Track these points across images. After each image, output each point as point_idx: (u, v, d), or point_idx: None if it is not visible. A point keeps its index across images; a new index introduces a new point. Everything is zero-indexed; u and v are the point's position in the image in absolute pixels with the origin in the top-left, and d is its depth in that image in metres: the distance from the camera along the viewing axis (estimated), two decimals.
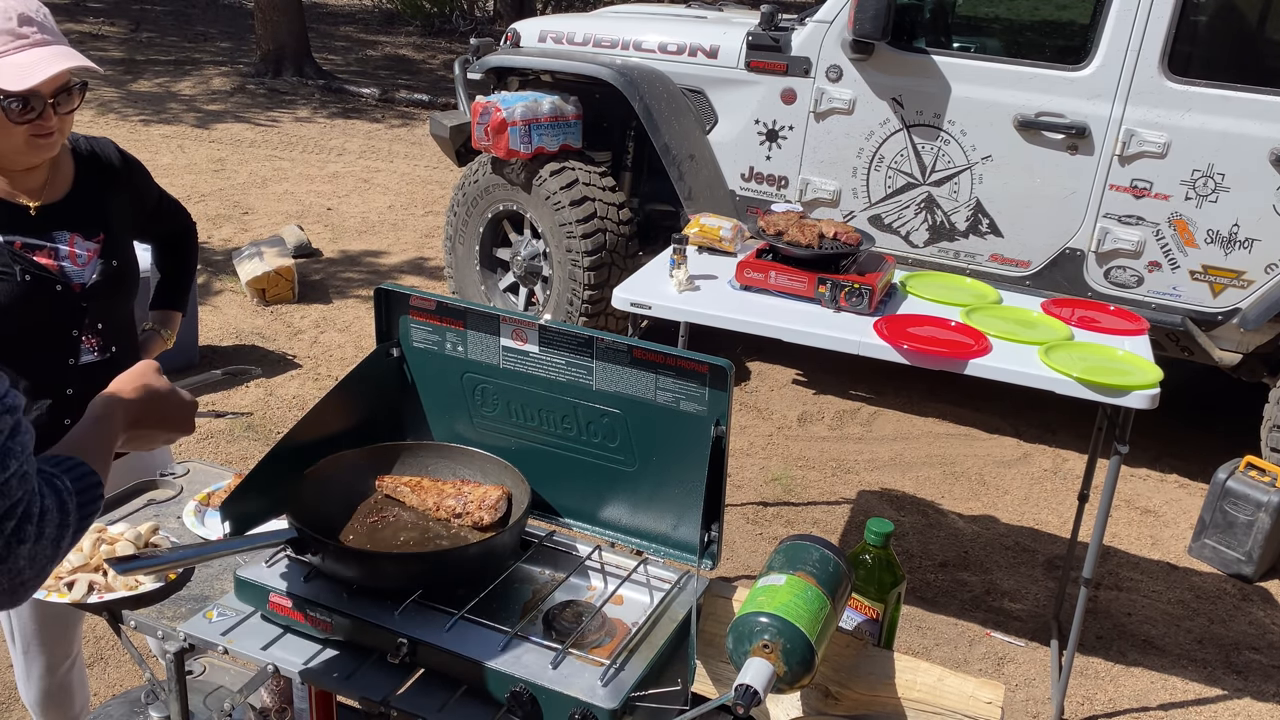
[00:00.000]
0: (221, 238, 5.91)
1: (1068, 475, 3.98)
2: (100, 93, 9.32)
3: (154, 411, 1.32)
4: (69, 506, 0.98)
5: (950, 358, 2.38)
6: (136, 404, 1.30)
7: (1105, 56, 3.56)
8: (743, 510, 3.61)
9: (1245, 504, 3.36)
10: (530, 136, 4.15)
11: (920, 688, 1.47)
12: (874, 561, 1.65)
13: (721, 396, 1.53)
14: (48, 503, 0.95)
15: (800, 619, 1.32)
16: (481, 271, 4.64)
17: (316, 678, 1.44)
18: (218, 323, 4.82)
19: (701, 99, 4.26)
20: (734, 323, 2.56)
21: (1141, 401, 2.27)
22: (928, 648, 2.98)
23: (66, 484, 1.00)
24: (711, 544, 1.57)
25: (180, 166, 7.24)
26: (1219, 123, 3.46)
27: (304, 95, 9.87)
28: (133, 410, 1.29)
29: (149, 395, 1.32)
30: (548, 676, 1.35)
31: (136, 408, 1.29)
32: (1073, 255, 3.77)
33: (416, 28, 14.17)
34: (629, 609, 1.56)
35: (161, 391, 1.34)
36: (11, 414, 0.92)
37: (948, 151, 3.83)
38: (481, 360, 1.71)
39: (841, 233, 2.69)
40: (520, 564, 1.63)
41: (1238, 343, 3.66)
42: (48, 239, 1.79)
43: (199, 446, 3.76)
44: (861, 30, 3.70)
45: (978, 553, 3.46)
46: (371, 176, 7.36)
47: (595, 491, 1.70)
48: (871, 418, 4.35)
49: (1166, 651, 3.04)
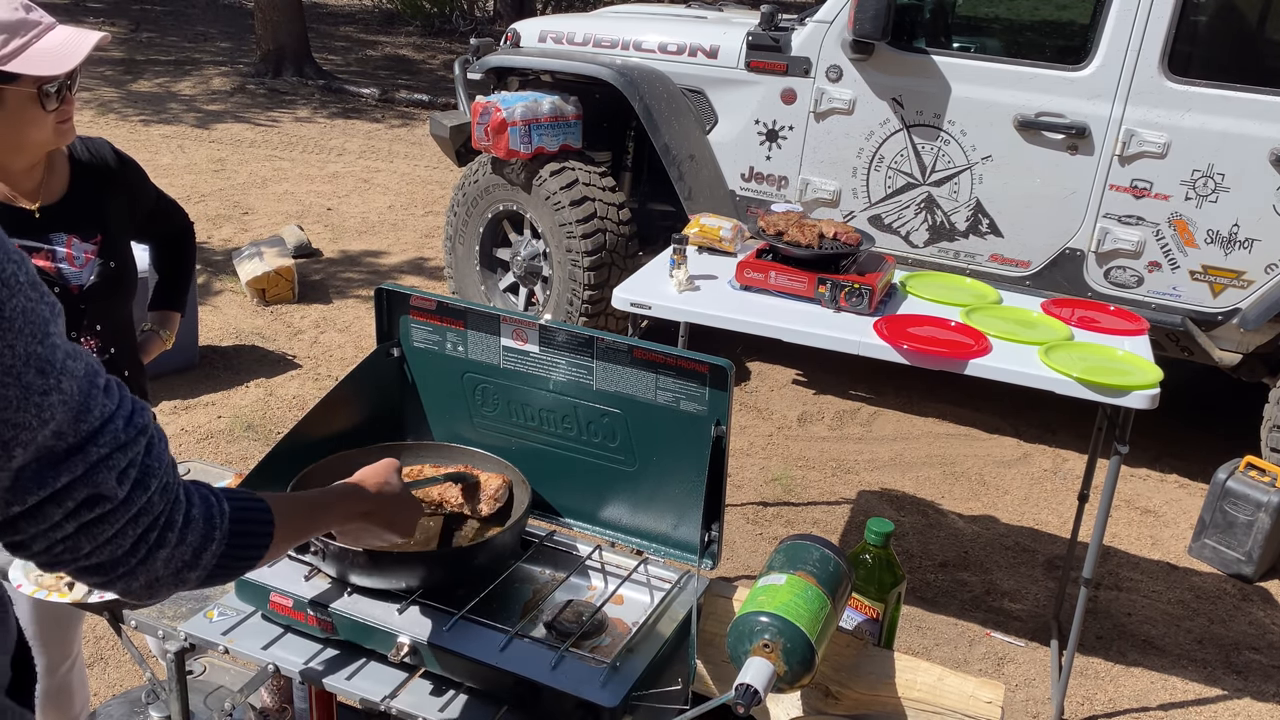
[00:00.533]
0: (221, 238, 5.91)
1: (1068, 475, 3.98)
2: (100, 93, 9.32)
3: (386, 510, 1.34)
4: (216, 523, 0.98)
5: (950, 358, 2.38)
6: (374, 499, 1.32)
7: (1105, 56, 3.56)
8: (743, 510, 3.61)
9: (1245, 504, 3.36)
10: (530, 136, 4.15)
11: (920, 688, 1.47)
12: (874, 561, 1.65)
13: (721, 396, 1.53)
14: (194, 513, 0.96)
15: (800, 619, 1.32)
16: (481, 271, 4.64)
17: (316, 678, 1.44)
18: (218, 323, 4.82)
19: (701, 99, 4.26)
20: (734, 323, 2.56)
21: (1141, 401, 2.27)
22: (928, 648, 2.98)
23: (224, 506, 1.00)
24: (711, 544, 1.57)
25: (180, 166, 7.24)
26: (1219, 123, 3.46)
27: (304, 95, 9.87)
28: (368, 504, 1.31)
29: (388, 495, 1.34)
30: (548, 676, 1.35)
31: (373, 503, 1.31)
32: (1073, 255, 3.77)
33: (416, 28, 14.17)
34: (629, 609, 1.56)
35: (399, 493, 1.36)
36: (144, 433, 0.92)
37: (948, 151, 3.83)
38: (481, 360, 1.71)
39: (841, 233, 2.69)
40: (520, 564, 1.63)
41: (1238, 343, 3.66)
42: (45, 241, 1.78)
43: (199, 447, 3.76)
44: (861, 30, 3.70)
45: (978, 553, 3.46)
46: (371, 176, 7.36)
47: (595, 491, 1.70)
48: (871, 418, 4.35)
49: (1166, 651, 3.04)
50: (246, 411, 4.04)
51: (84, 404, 0.87)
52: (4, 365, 0.80)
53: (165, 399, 4.05)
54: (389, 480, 1.35)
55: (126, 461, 0.90)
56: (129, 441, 0.90)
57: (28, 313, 0.82)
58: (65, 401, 0.85)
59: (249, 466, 1.84)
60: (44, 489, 0.85)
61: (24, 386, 0.81)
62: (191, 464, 2.03)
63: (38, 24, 1.58)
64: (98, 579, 0.93)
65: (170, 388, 4.14)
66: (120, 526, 0.90)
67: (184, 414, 4.00)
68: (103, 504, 0.88)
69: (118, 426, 0.89)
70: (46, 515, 0.86)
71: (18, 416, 0.82)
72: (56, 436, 0.85)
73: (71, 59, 1.58)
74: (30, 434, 0.83)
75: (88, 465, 0.87)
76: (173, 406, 4.03)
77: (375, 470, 1.36)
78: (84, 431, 0.87)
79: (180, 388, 4.17)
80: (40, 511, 0.86)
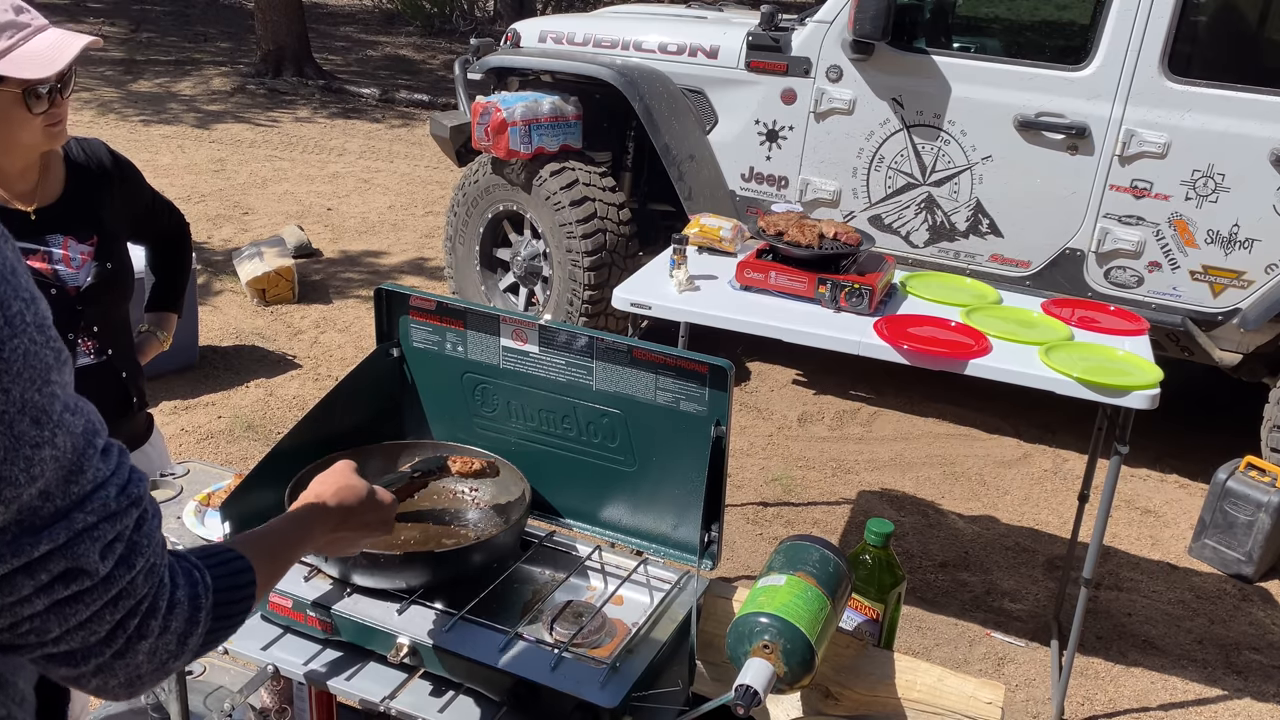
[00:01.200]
0: (221, 238, 5.91)
1: (1068, 475, 3.98)
2: (100, 93, 9.32)
3: (356, 516, 1.26)
4: (202, 603, 0.89)
5: (950, 358, 2.38)
6: (339, 511, 1.23)
7: (1105, 57, 3.56)
8: (743, 510, 3.61)
9: (1245, 504, 3.36)
10: (530, 136, 4.15)
11: (920, 688, 1.47)
12: (874, 562, 1.65)
13: (721, 397, 1.53)
14: (179, 595, 0.87)
15: (800, 619, 1.32)
16: (481, 271, 4.64)
17: (316, 678, 1.44)
18: (218, 323, 4.82)
19: (701, 99, 4.26)
20: (734, 323, 2.55)
21: (1141, 402, 2.27)
22: (928, 648, 2.98)
23: (206, 579, 0.91)
24: (711, 544, 1.57)
25: (180, 167, 7.24)
26: (1219, 123, 3.46)
27: (304, 95, 9.87)
28: (334, 517, 1.23)
29: (352, 500, 1.25)
30: (548, 676, 1.35)
31: (338, 515, 1.23)
32: (1073, 255, 3.77)
33: (416, 28, 14.17)
34: (629, 609, 1.56)
35: (363, 494, 1.27)
36: (137, 505, 0.83)
37: (948, 152, 3.83)
38: (481, 360, 1.71)
39: (841, 233, 2.69)
40: (520, 564, 1.63)
41: (1238, 343, 3.66)
42: (41, 243, 1.78)
43: (199, 447, 3.76)
44: (861, 30, 3.70)
45: (978, 553, 3.46)
46: (371, 177, 7.36)
47: (595, 491, 1.70)
48: (871, 418, 4.35)
49: (1166, 651, 3.04)
50: (246, 411, 4.04)
51: (77, 464, 0.79)
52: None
53: (165, 399, 4.05)
54: (347, 484, 1.27)
55: (114, 534, 0.81)
56: (119, 512, 0.82)
57: (29, 356, 0.75)
58: (57, 458, 0.77)
59: (249, 466, 1.84)
60: (19, 556, 0.76)
61: (15, 436, 0.74)
62: (191, 464, 2.03)
63: (27, 26, 1.58)
64: (67, 670, 0.83)
65: (170, 388, 4.14)
66: (97, 609, 0.80)
67: (184, 414, 4.00)
68: (80, 579, 0.79)
69: (109, 494, 0.81)
70: (16, 587, 0.77)
71: (4, 470, 0.74)
72: (42, 497, 0.77)
73: (58, 62, 1.57)
74: (15, 490, 0.75)
75: (71, 534, 0.78)
76: (173, 406, 4.03)
77: (330, 478, 1.27)
78: (73, 495, 0.79)
79: (180, 388, 4.17)
80: (9, 582, 0.77)
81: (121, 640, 0.82)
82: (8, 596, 0.77)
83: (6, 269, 0.75)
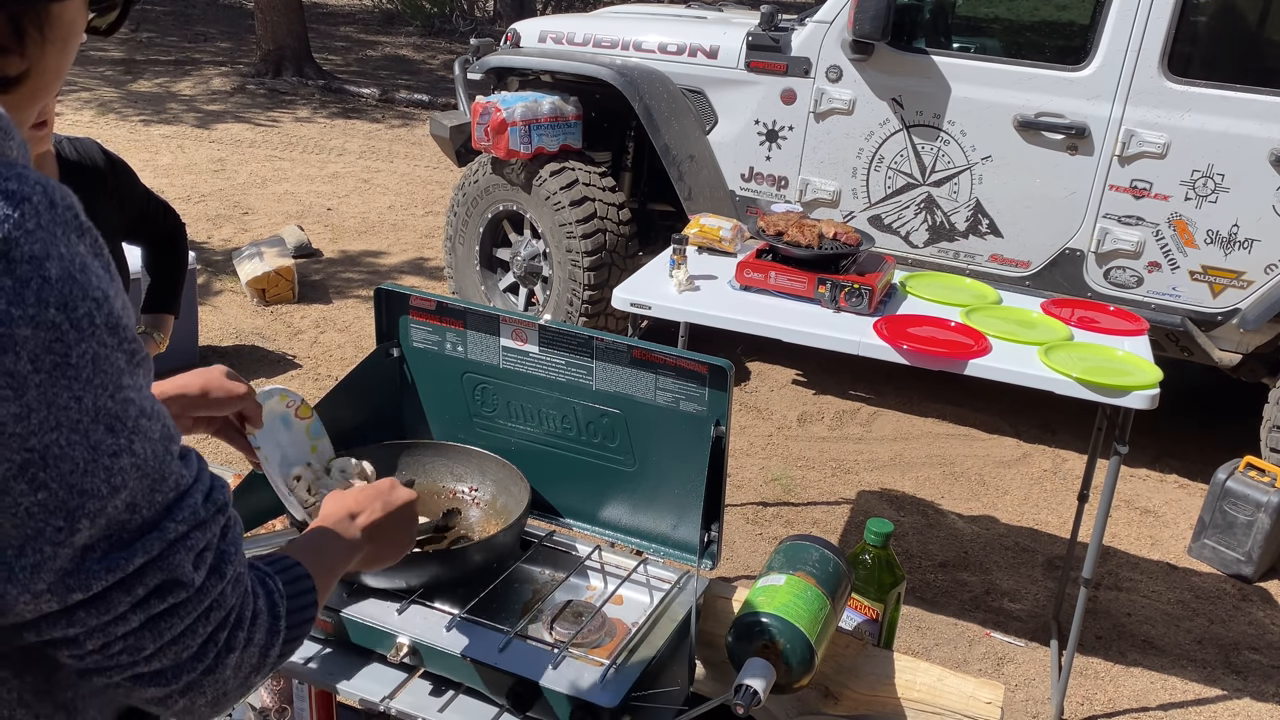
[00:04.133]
0: (221, 238, 5.91)
1: (1067, 475, 3.98)
2: (100, 93, 9.32)
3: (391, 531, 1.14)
4: (280, 610, 0.86)
5: (950, 358, 2.38)
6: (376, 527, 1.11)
7: (1105, 57, 3.56)
8: (742, 510, 3.61)
9: (1245, 504, 3.36)
10: (530, 137, 4.15)
11: (920, 688, 1.47)
12: (874, 561, 1.65)
13: (721, 397, 1.53)
14: (260, 604, 0.84)
15: (800, 619, 1.32)
16: (481, 271, 4.64)
17: (316, 678, 1.44)
18: (218, 323, 4.82)
19: (701, 99, 4.26)
20: (734, 323, 2.56)
21: (1141, 402, 2.28)
22: (927, 648, 2.98)
23: (279, 585, 0.88)
24: (711, 544, 1.57)
25: (180, 166, 7.24)
26: (1219, 123, 3.46)
27: (304, 95, 9.87)
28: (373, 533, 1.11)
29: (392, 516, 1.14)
30: (548, 676, 1.35)
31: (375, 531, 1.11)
32: (1072, 255, 3.77)
33: (416, 28, 14.17)
34: (629, 609, 1.56)
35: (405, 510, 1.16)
36: (223, 512, 0.80)
37: (947, 152, 3.83)
38: (481, 360, 1.71)
39: (841, 233, 2.69)
40: (520, 564, 1.63)
41: (1237, 343, 3.66)
42: None
43: (199, 446, 3.76)
44: (861, 30, 3.70)
45: (978, 553, 3.46)
46: (371, 176, 7.36)
47: (595, 491, 1.70)
48: (871, 418, 4.35)
49: (1166, 651, 3.04)
50: None
51: (159, 471, 0.75)
52: (70, 420, 0.69)
53: None
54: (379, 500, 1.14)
55: (204, 543, 0.78)
56: (208, 520, 0.78)
57: (99, 360, 0.70)
58: (139, 466, 0.73)
59: (249, 466, 1.84)
60: (114, 572, 0.72)
61: (92, 446, 0.70)
62: None
63: None
64: (156, 690, 0.78)
65: None
66: (191, 621, 0.77)
67: None
68: (177, 591, 0.76)
69: (196, 501, 0.78)
70: (112, 604, 0.73)
71: (85, 482, 0.70)
72: (129, 509, 0.73)
73: None
74: (99, 503, 0.71)
75: (164, 544, 0.75)
76: None
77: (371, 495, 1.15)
78: (159, 504, 0.75)
79: None
80: (105, 600, 0.73)
81: (212, 655, 0.79)
82: (103, 615, 0.73)
83: (76, 266, 0.70)
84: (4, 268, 0.66)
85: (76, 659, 0.75)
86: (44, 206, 0.70)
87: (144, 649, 0.76)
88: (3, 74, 0.77)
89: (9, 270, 0.66)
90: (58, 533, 0.70)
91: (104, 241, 0.76)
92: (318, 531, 1.06)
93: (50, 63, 0.80)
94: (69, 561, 0.71)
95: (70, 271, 0.70)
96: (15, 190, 0.68)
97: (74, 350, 0.69)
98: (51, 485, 0.69)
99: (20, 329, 0.66)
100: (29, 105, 0.82)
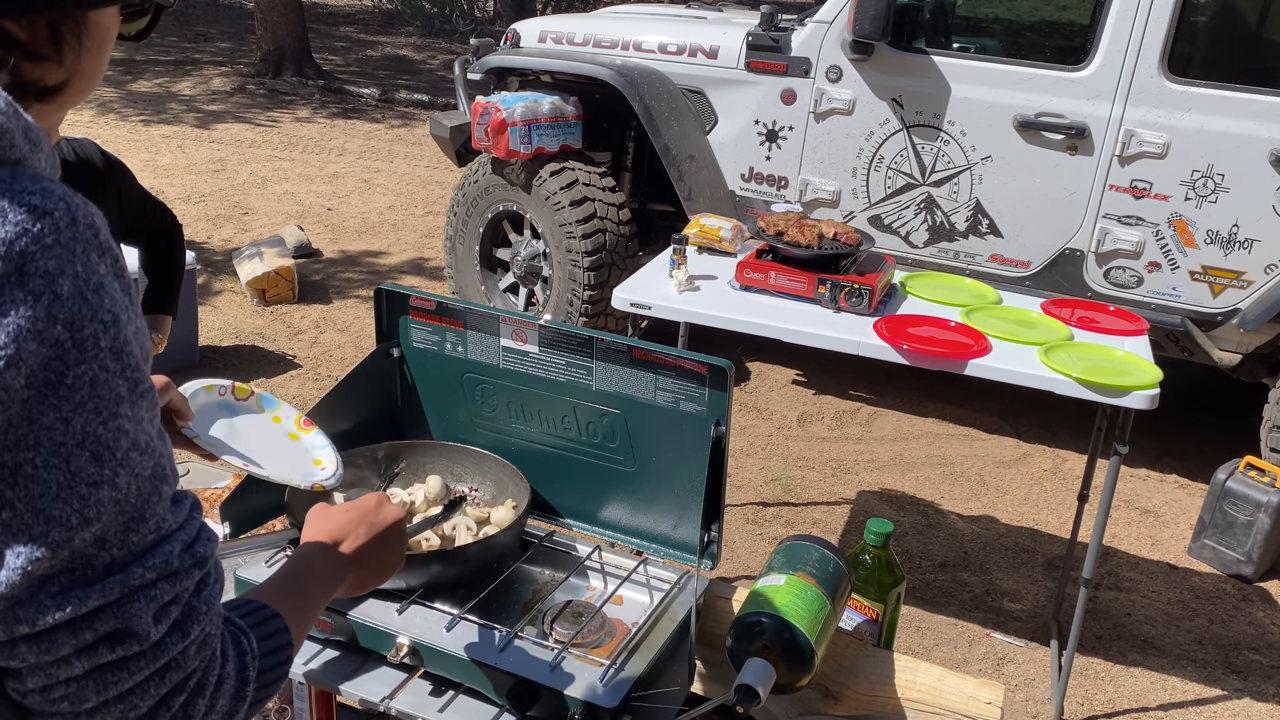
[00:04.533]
0: (221, 238, 5.91)
1: (1067, 475, 3.98)
2: (100, 93, 9.32)
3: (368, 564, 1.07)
4: (249, 675, 0.80)
5: (950, 358, 2.38)
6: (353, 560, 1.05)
7: (1105, 57, 3.56)
8: (742, 510, 3.61)
9: (1245, 504, 3.36)
10: (530, 137, 4.15)
11: (920, 688, 1.47)
12: (874, 561, 1.66)
13: (721, 397, 1.53)
14: (228, 669, 0.78)
15: (800, 619, 1.32)
16: (481, 271, 4.64)
17: (316, 678, 1.44)
18: (218, 323, 4.82)
19: (701, 99, 4.26)
20: (734, 323, 2.56)
21: (1141, 402, 2.28)
22: (927, 648, 2.98)
23: (253, 645, 0.82)
24: (711, 544, 1.57)
25: (180, 167, 7.24)
26: (1219, 123, 3.46)
27: (304, 95, 9.87)
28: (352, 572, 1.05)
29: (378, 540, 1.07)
30: (547, 676, 1.35)
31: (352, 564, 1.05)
32: (1072, 255, 3.77)
33: (416, 28, 14.18)
34: (629, 609, 1.56)
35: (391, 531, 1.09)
36: (200, 566, 0.75)
37: (947, 152, 3.83)
38: (481, 360, 1.71)
39: (841, 233, 2.69)
40: (520, 564, 1.63)
41: (1237, 343, 3.66)
42: None
43: None
44: (861, 31, 3.70)
45: (978, 553, 3.46)
46: (371, 177, 7.36)
47: (595, 491, 1.70)
48: (871, 418, 4.35)
49: (1166, 652, 3.04)
50: None
51: (140, 511, 0.71)
52: (51, 441, 0.66)
53: None
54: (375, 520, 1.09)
55: (171, 595, 0.73)
56: (181, 571, 0.73)
57: (97, 384, 0.68)
58: (117, 501, 0.69)
59: None
60: (64, 610, 0.68)
61: (71, 472, 0.67)
62: (191, 464, 2.03)
63: None
64: None
65: None
66: (141, 680, 0.72)
67: None
68: (129, 643, 0.71)
69: (173, 550, 0.73)
70: (56, 645, 0.68)
71: (54, 508, 0.66)
72: (98, 544, 0.69)
73: None
74: (65, 533, 0.67)
75: (125, 590, 0.70)
76: None
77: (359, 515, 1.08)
78: (132, 545, 0.71)
79: None
80: (49, 638, 0.68)
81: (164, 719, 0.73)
82: (44, 655, 0.68)
83: (90, 285, 0.69)
84: (18, 280, 0.66)
85: (19, 694, 0.71)
86: (65, 223, 0.69)
87: (86, 700, 0.70)
88: (42, 83, 0.77)
89: (22, 284, 0.66)
90: (15, 558, 0.66)
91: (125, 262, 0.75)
92: (300, 565, 1.00)
93: (86, 69, 0.80)
94: (23, 590, 0.67)
95: (83, 290, 0.68)
96: (38, 205, 0.68)
97: (71, 370, 0.67)
98: (17, 505, 0.66)
99: (27, 344, 0.65)
100: (60, 112, 0.81)
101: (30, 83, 0.76)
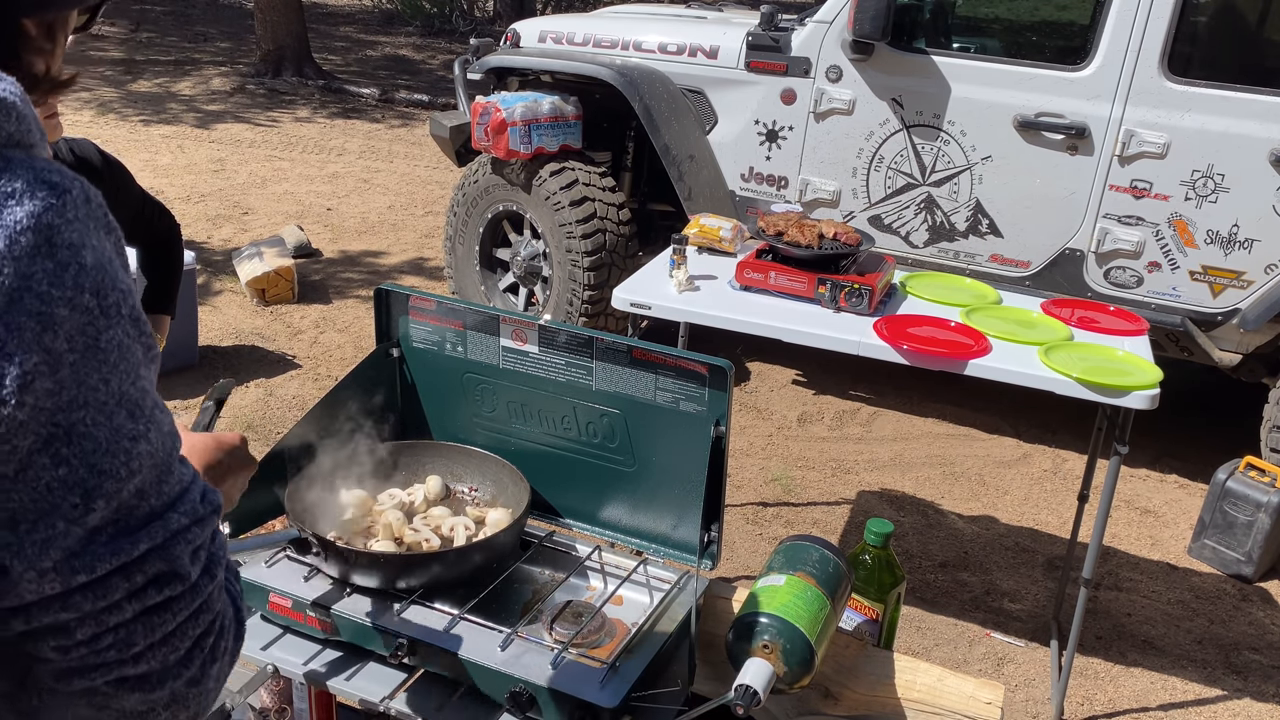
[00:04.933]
0: (221, 238, 5.91)
1: (1067, 475, 3.98)
2: (100, 93, 9.32)
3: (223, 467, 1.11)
4: (243, 617, 0.86)
5: (950, 358, 2.38)
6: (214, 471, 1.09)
7: (1105, 57, 3.56)
8: (742, 510, 3.61)
9: (1245, 504, 3.36)
10: (530, 137, 4.15)
11: (920, 688, 1.47)
12: (874, 562, 1.65)
13: (721, 397, 1.53)
14: (229, 613, 0.84)
15: (800, 619, 1.32)
16: (481, 271, 4.64)
17: (316, 678, 1.44)
18: (218, 323, 4.82)
19: (701, 99, 4.26)
20: (734, 323, 2.56)
21: (1141, 402, 2.27)
22: (927, 648, 2.98)
23: (237, 587, 0.87)
24: (711, 544, 1.57)
25: (180, 166, 7.24)
26: (1219, 123, 3.46)
27: (304, 95, 9.87)
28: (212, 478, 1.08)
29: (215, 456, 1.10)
30: (547, 676, 1.35)
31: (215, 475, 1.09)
32: (1072, 255, 3.77)
33: (416, 28, 14.17)
34: (629, 609, 1.56)
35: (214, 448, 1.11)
36: (216, 514, 0.81)
37: (947, 152, 3.83)
38: (481, 360, 1.71)
39: (841, 233, 2.69)
40: (520, 564, 1.63)
41: (1237, 343, 3.66)
42: None
43: None
44: (861, 31, 3.70)
45: (978, 553, 3.46)
46: (371, 176, 7.36)
47: (595, 491, 1.70)
48: (871, 418, 4.35)
49: (1166, 652, 3.04)
50: (246, 411, 4.04)
51: (168, 463, 0.77)
52: (97, 401, 0.71)
53: (165, 399, 4.03)
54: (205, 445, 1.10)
55: (200, 540, 0.78)
56: (205, 518, 0.79)
57: (123, 348, 0.73)
58: (152, 454, 0.75)
59: None
60: (119, 556, 0.73)
61: (114, 428, 0.72)
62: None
63: None
64: (140, 698, 0.76)
65: (170, 388, 4.14)
66: (183, 620, 0.77)
67: (184, 414, 4.00)
68: (174, 584, 0.76)
69: (195, 498, 0.79)
70: (110, 589, 0.73)
71: (105, 462, 0.71)
72: (139, 495, 0.74)
73: None
74: (116, 484, 0.72)
75: (168, 534, 0.75)
76: (172, 406, 4.03)
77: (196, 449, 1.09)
78: (165, 495, 0.76)
79: (180, 388, 4.17)
80: (105, 584, 0.73)
81: (197, 663, 0.79)
82: (99, 601, 0.73)
83: (105, 258, 0.74)
84: (47, 251, 0.70)
85: (62, 651, 0.74)
86: (81, 200, 0.74)
87: (134, 644, 0.75)
88: (34, 75, 0.82)
89: (51, 254, 0.70)
90: (73, 509, 0.71)
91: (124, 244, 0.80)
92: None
93: (58, 62, 0.86)
94: (77, 542, 0.71)
95: (102, 262, 0.73)
96: (58, 182, 0.73)
97: (103, 335, 0.72)
98: (73, 462, 0.71)
99: (59, 309, 0.69)
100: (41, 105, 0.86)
101: (31, 76, 0.81)
